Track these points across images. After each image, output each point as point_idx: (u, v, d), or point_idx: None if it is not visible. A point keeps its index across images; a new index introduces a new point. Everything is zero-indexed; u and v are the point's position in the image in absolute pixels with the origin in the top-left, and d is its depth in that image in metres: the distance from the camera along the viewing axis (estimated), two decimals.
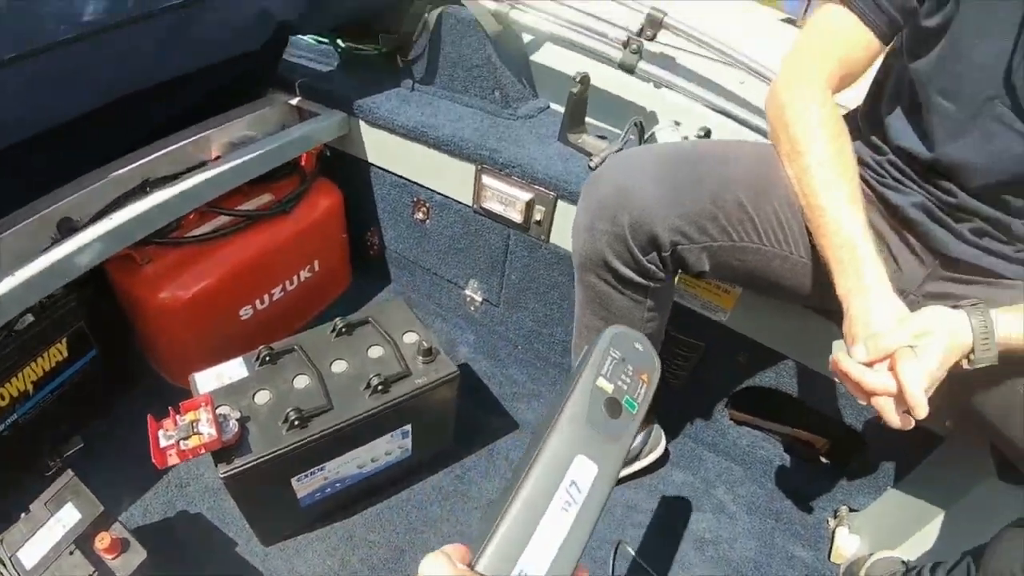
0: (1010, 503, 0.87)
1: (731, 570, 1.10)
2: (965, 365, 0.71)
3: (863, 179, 0.87)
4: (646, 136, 1.17)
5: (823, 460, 1.25)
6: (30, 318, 0.95)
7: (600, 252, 0.86)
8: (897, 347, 0.68)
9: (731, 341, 1.12)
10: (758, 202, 0.85)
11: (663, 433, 1.22)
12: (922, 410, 0.65)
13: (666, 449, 1.23)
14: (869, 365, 0.69)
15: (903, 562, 1.04)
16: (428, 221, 1.36)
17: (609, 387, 0.37)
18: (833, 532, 1.17)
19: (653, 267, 0.86)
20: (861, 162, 0.88)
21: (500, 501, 0.32)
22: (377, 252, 1.51)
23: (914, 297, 0.89)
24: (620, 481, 1.18)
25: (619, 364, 0.38)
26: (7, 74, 0.77)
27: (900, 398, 0.66)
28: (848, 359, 0.70)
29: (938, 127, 0.81)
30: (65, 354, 1.03)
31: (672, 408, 1.28)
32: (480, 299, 1.41)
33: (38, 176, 0.99)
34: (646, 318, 0.93)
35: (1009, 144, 0.76)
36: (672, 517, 1.17)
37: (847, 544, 1.14)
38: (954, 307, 0.71)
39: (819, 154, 0.80)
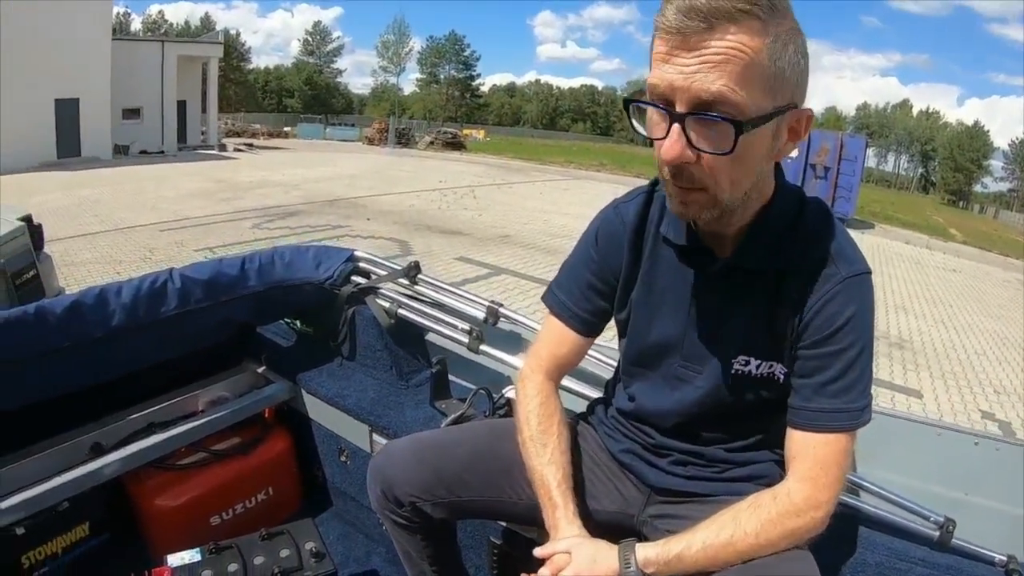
0: None
1: None
2: None
3: (598, 434, 1.15)
4: (496, 398, 1.51)
5: None
6: (67, 504, 1.39)
7: (377, 506, 1.16)
8: (560, 551, 0.93)
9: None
10: (478, 467, 1.10)
11: None
12: None
13: None
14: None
15: None
16: (349, 463, 1.78)
17: None
18: None
19: (408, 515, 1.11)
20: (598, 420, 1.16)
21: None
22: (321, 485, 1.93)
23: (640, 519, 1.06)
24: None
25: None
26: (72, 352, 1.35)
27: None
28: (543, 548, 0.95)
29: (637, 388, 1.06)
30: (87, 533, 1.49)
31: None
32: None
33: (81, 411, 1.52)
34: (422, 546, 1.18)
35: (688, 392, 0.99)
36: None
37: None
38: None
39: (533, 430, 1.05)
